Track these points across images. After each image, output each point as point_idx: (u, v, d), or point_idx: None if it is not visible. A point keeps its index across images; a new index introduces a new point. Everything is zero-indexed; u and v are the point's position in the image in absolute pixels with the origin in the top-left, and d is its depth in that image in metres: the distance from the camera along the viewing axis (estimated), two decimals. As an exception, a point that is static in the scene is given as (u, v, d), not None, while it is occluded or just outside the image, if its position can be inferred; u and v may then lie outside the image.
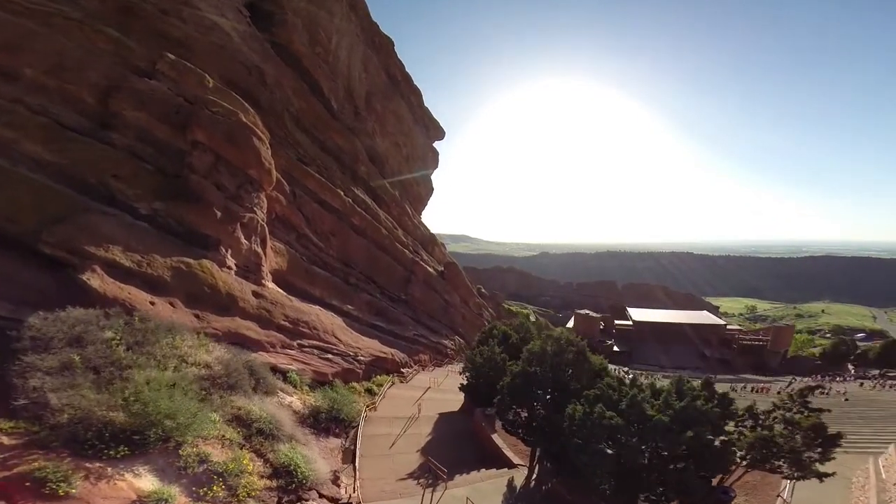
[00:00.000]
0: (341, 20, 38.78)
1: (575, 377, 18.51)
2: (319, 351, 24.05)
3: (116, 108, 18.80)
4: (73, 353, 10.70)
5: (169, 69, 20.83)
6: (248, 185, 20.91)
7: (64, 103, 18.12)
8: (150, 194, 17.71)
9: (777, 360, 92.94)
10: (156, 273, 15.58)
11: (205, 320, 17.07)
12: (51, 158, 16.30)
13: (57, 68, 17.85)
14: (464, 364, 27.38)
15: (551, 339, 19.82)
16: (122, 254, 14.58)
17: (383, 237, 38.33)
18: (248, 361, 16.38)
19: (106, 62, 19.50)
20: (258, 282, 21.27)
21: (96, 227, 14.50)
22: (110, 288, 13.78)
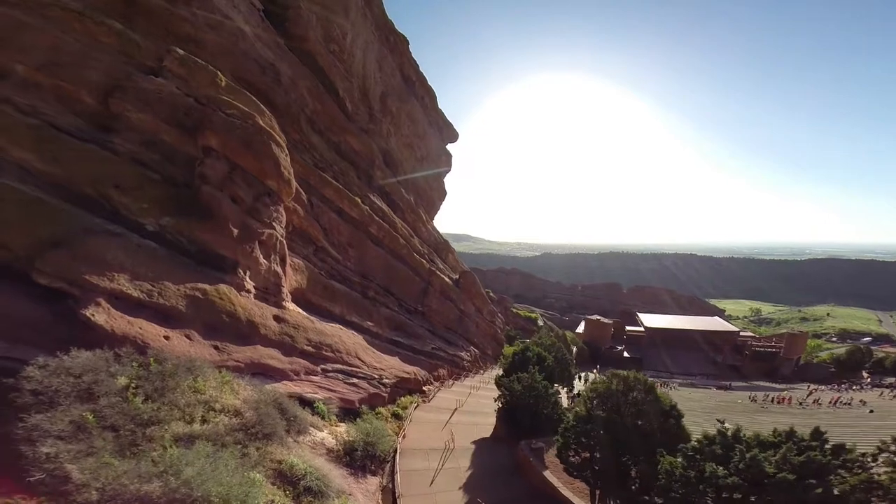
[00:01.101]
0: (356, 16, 36.65)
1: (643, 416, 16.97)
2: (344, 375, 22.01)
3: (118, 109, 16.58)
4: (84, 411, 8.89)
5: (178, 66, 18.54)
6: (265, 196, 18.66)
7: (59, 103, 15.89)
8: (158, 208, 15.47)
9: (790, 368, 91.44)
10: (169, 303, 13.38)
11: (225, 352, 14.99)
12: (43, 167, 14.06)
13: (52, 64, 15.66)
14: (501, 392, 25.77)
15: (617, 377, 18.30)
16: (129, 283, 12.38)
17: (401, 247, 36.20)
18: (276, 399, 14.54)
19: (107, 58, 17.20)
20: (278, 304, 19.12)
21: (98, 252, 12.30)
22: (118, 324, 11.64)
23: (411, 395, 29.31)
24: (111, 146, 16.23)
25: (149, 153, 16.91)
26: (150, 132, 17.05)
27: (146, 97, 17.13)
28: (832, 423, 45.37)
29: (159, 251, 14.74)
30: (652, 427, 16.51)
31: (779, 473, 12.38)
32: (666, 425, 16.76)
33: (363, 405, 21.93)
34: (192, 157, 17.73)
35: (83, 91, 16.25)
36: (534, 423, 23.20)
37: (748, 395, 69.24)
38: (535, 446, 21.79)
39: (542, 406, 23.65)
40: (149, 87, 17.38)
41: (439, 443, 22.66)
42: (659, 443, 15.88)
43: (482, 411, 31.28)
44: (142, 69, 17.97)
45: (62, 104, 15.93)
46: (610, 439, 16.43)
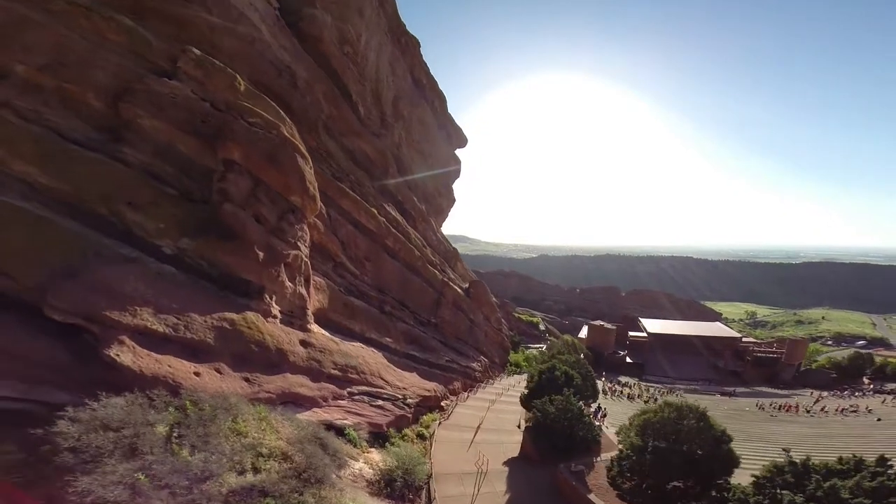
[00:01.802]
0: (371, 17, 35.31)
1: (696, 443, 16.85)
2: (370, 397, 21.01)
3: (130, 115, 15.08)
4: (133, 470, 7.97)
5: (193, 68, 16.97)
6: (290, 214, 17.21)
7: (64, 108, 14.40)
8: (176, 228, 13.96)
9: (791, 373, 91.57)
10: (197, 337, 12.04)
11: (255, 383, 13.81)
12: (48, 182, 12.61)
13: (56, 65, 14.23)
14: (532, 413, 25.17)
15: (670, 406, 18.41)
16: (153, 317, 11.02)
17: (416, 259, 34.87)
18: (315, 433, 13.66)
19: (116, 58, 15.71)
20: (303, 327, 17.78)
21: (117, 283, 10.91)
22: (146, 363, 10.41)
23: (431, 412, 28.66)
24: (122, 157, 14.74)
25: (163, 165, 15.44)
26: (164, 141, 15.55)
27: (159, 102, 15.59)
28: (845, 433, 44.91)
29: (179, 277, 13.28)
30: (705, 453, 16.54)
31: (854, 499, 12.68)
32: (718, 451, 16.69)
33: (390, 428, 21.30)
34: (209, 170, 16.20)
35: (90, 94, 14.79)
36: (568, 444, 22.99)
37: (754, 402, 69.00)
38: (574, 469, 21.06)
39: (578, 428, 23.33)
40: (162, 91, 15.88)
41: (469, 465, 21.85)
42: (712, 468, 16.27)
43: (504, 428, 30.92)
44: (154, 70, 16.46)
45: (67, 109, 14.48)
46: (665, 466, 16.53)
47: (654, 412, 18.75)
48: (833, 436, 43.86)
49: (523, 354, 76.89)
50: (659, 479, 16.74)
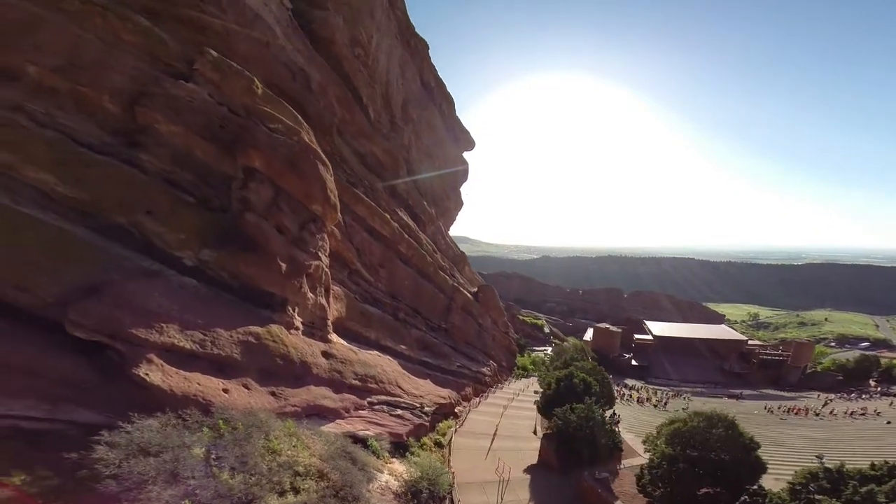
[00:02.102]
0: (382, 18, 34.91)
1: (725, 451, 17.35)
2: (389, 407, 20.69)
3: (147, 119, 14.53)
4: (179, 497, 7.76)
5: (210, 70, 16.33)
6: (311, 224, 16.72)
7: (79, 112, 13.81)
8: (196, 239, 13.43)
9: (797, 376, 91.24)
10: (223, 352, 11.66)
11: (282, 397, 13.54)
12: (65, 191, 12.06)
13: (70, 66, 13.61)
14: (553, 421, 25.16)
15: (699, 416, 18.85)
16: (179, 334, 10.63)
17: (428, 265, 34.39)
18: (344, 448, 13.49)
19: (132, 60, 15.08)
20: (324, 338, 17.33)
21: (142, 298, 10.50)
22: (175, 381, 10.08)
23: (446, 419, 28.51)
24: (139, 163, 14.19)
25: (181, 172, 14.89)
26: (181, 147, 14.96)
27: (177, 106, 15.01)
28: (856, 437, 44.48)
29: (201, 290, 12.79)
30: (734, 460, 17.04)
31: (890, 503, 13.14)
32: (747, 458, 17.33)
33: (410, 437, 21.00)
34: (227, 177, 15.64)
35: (105, 97, 14.19)
36: (591, 452, 23.28)
37: (762, 404, 68.64)
38: (599, 476, 21.28)
39: (600, 436, 23.58)
40: (179, 94, 15.28)
41: (490, 473, 21.98)
42: (740, 475, 16.87)
43: (520, 435, 30.89)
44: (170, 73, 15.90)
45: (82, 113, 13.90)
46: (696, 474, 17.08)
47: (683, 422, 19.14)
48: (844, 439, 43.54)
49: (529, 358, 76.37)
50: (691, 486, 17.18)
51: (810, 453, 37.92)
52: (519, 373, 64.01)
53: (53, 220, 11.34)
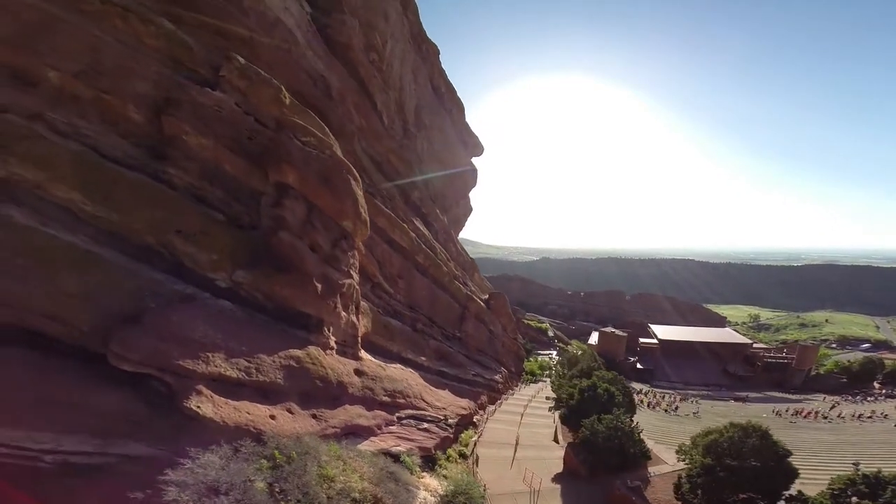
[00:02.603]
0: (396, 22, 34.36)
1: (760, 459, 18.21)
2: (415, 420, 20.51)
3: (174, 130, 13.71)
4: None
5: (238, 78, 15.55)
6: (343, 241, 16.23)
7: (102, 122, 13.04)
8: (228, 259, 12.81)
9: (801, 378, 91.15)
10: (268, 379, 11.33)
11: (322, 419, 13.29)
12: (93, 210, 11.35)
13: (91, 71, 12.77)
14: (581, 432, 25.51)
15: (735, 427, 19.77)
16: (225, 363, 10.28)
17: (443, 275, 33.88)
18: (387, 468, 13.34)
19: (155, 65, 14.29)
20: (355, 355, 16.90)
21: (185, 328, 10.09)
22: (226, 412, 9.79)
23: (466, 429, 28.31)
24: (166, 178, 13.50)
25: (210, 187, 14.18)
26: (210, 160, 14.20)
27: (204, 116, 14.27)
28: (867, 440, 44.35)
29: (237, 313, 12.28)
30: (768, 468, 18.04)
31: None
32: (781, 466, 18.33)
33: (437, 450, 21.02)
34: (256, 192, 15.00)
35: (130, 106, 13.46)
36: (621, 461, 23.91)
37: (769, 407, 68.46)
38: (632, 485, 21.47)
39: (629, 445, 24.06)
40: (206, 103, 14.53)
41: (518, 483, 22.31)
42: (776, 482, 18.00)
43: (542, 444, 31.09)
44: (194, 79, 15.10)
45: (106, 123, 13.15)
46: (734, 482, 18.00)
47: (719, 433, 20.15)
48: (855, 443, 43.49)
49: (537, 363, 76.01)
50: (729, 493, 18.24)
51: (827, 457, 37.78)
52: (527, 378, 63.62)
53: (82, 243, 10.76)
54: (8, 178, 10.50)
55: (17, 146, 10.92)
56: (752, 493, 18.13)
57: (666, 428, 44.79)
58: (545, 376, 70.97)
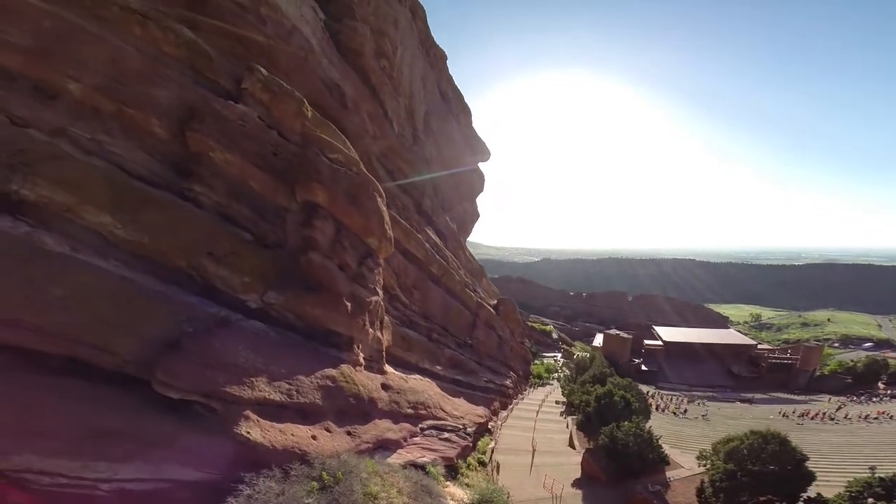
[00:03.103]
0: (405, 28, 33.96)
1: (778, 464, 19.17)
2: (437, 431, 20.60)
3: (200, 147, 13.25)
4: None
5: (261, 91, 15.14)
6: (368, 258, 16.18)
7: (126, 137, 12.52)
8: (259, 281, 12.58)
9: (806, 379, 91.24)
10: (307, 399, 11.48)
11: (356, 435, 13.42)
12: (124, 235, 11.01)
13: (113, 83, 12.20)
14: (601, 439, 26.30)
15: (755, 434, 20.54)
16: (268, 386, 10.36)
17: (456, 284, 33.84)
18: (421, 483, 13.70)
19: (176, 75, 13.74)
20: (381, 370, 16.94)
21: (228, 354, 10.13)
22: (273, 436, 9.92)
23: (482, 436, 28.78)
24: (192, 196, 13.15)
25: (238, 206, 13.81)
26: (236, 178, 13.85)
27: (229, 131, 13.85)
28: (874, 442, 44.48)
29: (270, 334, 12.18)
30: (787, 472, 19.15)
31: None
32: (799, 470, 19.39)
33: (459, 459, 21.32)
34: (281, 209, 14.65)
35: (153, 120, 12.96)
36: (641, 467, 24.61)
37: (775, 409, 68.48)
38: (653, 489, 22.11)
39: (647, 451, 24.79)
40: (230, 117, 14.11)
41: (539, 489, 22.88)
42: (794, 485, 19.12)
43: (557, 449, 31.67)
44: (216, 91, 14.68)
45: (129, 138, 12.67)
46: (755, 486, 19.17)
47: (740, 440, 21.19)
48: (863, 444, 43.80)
49: (543, 365, 76.10)
50: (750, 496, 19.30)
51: (839, 459, 37.89)
52: (534, 381, 63.73)
53: (115, 268, 10.50)
54: (37, 201, 10.24)
55: (45, 166, 10.60)
56: (772, 496, 19.19)
57: (678, 432, 44.92)
58: (552, 379, 71.08)
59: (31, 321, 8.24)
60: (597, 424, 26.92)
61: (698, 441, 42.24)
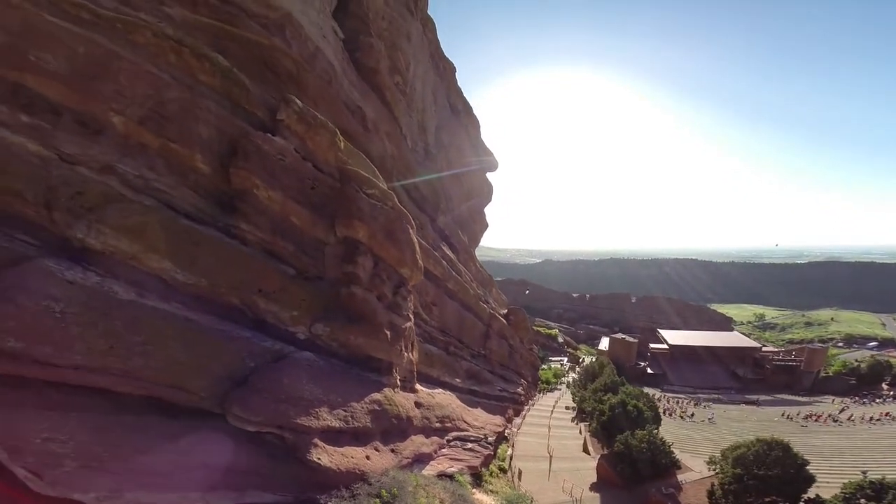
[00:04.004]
0: (417, 43, 34.13)
1: (781, 468, 20.85)
2: (461, 441, 21.67)
3: (245, 184, 13.46)
4: None
5: (296, 122, 15.33)
6: (402, 287, 17.12)
7: (171, 173, 12.59)
8: (307, 314, 13.27)
9: (810, 380, 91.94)
10: (360, 424, 12.56)
11: (398, 452, 14.43)
12: (184, 278, 11.46)
13: (156, 116, 12.20)
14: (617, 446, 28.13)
15: (760, 442, 22.35)
16: (329, 415, 11.40)
17: (470, 298, 34.64)
18: (456, 492, 14.75)
19: (215, 107, 13.68)
20: (412, 388, 18.04)
21: (295, 388, 11.06)
22: (338, 460, 11.04)
23: (500, 444, 29.79)
24: (239, 234, 13.54)
25: (281, 241, 14.28)
26: (278, 214, 14.27)
27: (270, 166, 14.09)
28: (875, 444, 45.34)
29: (320, 363, 12.99)
30: (789, 475, 21.00)
31: None
32: (801, 474, 21.32)
33: (483, 467, 22.32)
34: (319, 242, 15.17)
35: (197, 155, 13.04)
36: (653, 471, 26.51)
37: (780, 411, 69.24)
38: (666, 492, 24.33)
39: (660, 457, 26.46)
40: (270, 152, 14.30)
41: (559, 493, 24.67)
42: (796, 487, 20.95)
43: (573, 455, 33.60)
44: (252, 121, 14.85)
45: (174, 174, 12.80)
46: (760, 488, 21.16)
47: (746, 447, 23.12)
48: (865, 447, 44.32)
49: (551, 370, 77.03)
50: (756, 498, 21.22)
51: (839, 462, 38.74)
52: (543, 386, 64.62)
53: (178, 310, 11.06)
54: (104, 250, 10.69)
55: (107, 213, 10.97)
56: (776, 497, 21.23)
57: (685, 436, 45.90)
58: (560, 384, 72.01)
59: (118, 367, 8.95)
60: (611, 432, 28.65)
61: (705, 445, 43.23)
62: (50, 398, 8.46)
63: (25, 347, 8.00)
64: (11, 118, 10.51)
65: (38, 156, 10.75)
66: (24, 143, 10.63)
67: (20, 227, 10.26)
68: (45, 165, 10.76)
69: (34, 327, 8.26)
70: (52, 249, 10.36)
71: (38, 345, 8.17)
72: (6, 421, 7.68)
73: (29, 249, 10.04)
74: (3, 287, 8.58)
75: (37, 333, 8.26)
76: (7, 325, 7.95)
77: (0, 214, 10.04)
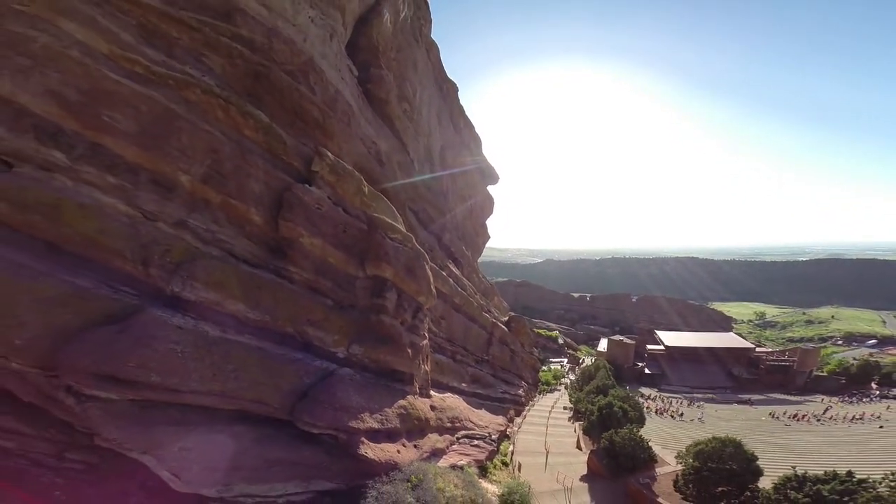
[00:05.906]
0: (423, 69, 35.86)
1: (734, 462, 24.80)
2: (468, 439, 25.15)
3: (292, 234, 15.86)
4: None
5: (329, 173, 17.66)
6: (419, 312, 20.66)
7: (230, 225, 14.64)
8: (345, 337, 16.49)
9: (803, 380, 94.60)
10: (392, 425, 16.10)
11: (419, 448, 17.79)
12: (254, 316, 14.04)
13: (216, 174, 13.60)
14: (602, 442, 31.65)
15: (715, 440, 26.54)
16: (371, 418, 14.85)
17: (475, 310, 37.88)
18: (468, 479, 17.68)
19: (261, 162, 15.22)
20: (427, 394, 21.57)
21: (346, 399, 14.45)
22: (378, 453, 14.40)
23: (503, 441, 33.06)
24: (287, 275, 16.09)
25: (323, 280, 17.07)
26: (319, 257, 16.95)
27: (311, 216, 16.51)
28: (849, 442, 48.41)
29: (356, 377, 16.22)
30: (740, 468, 24.62)
31: (830, 496, 20.34)
32: (750, 467, 24.90)
33: (487, 461, 25.93)
34: (351, 277, 18.05)
35: (252, 209, 14.99)
36: (633, 464, 30.27)
37: (769, 410, 71.89)
38: (643, 482, 27.82)
39: (639, 452, 30.21)
40: (310, 202, 16.56)
41: (553, 483, 28.08)
42: (746, 478, 24.38)
43: (567, 451, 36.95)
44: (290, 173, 16.66)
45: (233, 225, 14.90)
46: (715, 479, 24.70)
47: (705, 443, 26.78)
48: (838, 444, 47.46)
49: (551, 372, 79.95)
50: (712, 487, 24.97)
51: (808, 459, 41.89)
52: (543, 388, 67.75)
53: (251, 341, 13.88)
54: (197, 300, 13.15)
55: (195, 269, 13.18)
56: (728, 487, 24.78)
57: (672, 434, 49.03)
58: (559, 385, 75.10)
59: (219, 389, 12.15)
60: (599, 430, 32.60)
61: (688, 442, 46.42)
62: (173, 416, 11.58)
63: (162, 381, 11.12)
64: (100, 179, 11.97)
65: (127, 215, 12.35)
66: (115, 204, 12.25)
67: (120, 279, 12.20)
68: (134, 224, 12.43)
69: (166, 364, 11.31)
70: (149, 299, 12.32)
71: (170, 377, 11.28)
72: (148, 434, 10.77)
73: (133, 299, 12.13)
74: (137, 335, 11.28)
75: (168, 369, 11.31)
76: (150, 365, 11.03)
77: (104, 268, 11.96)
